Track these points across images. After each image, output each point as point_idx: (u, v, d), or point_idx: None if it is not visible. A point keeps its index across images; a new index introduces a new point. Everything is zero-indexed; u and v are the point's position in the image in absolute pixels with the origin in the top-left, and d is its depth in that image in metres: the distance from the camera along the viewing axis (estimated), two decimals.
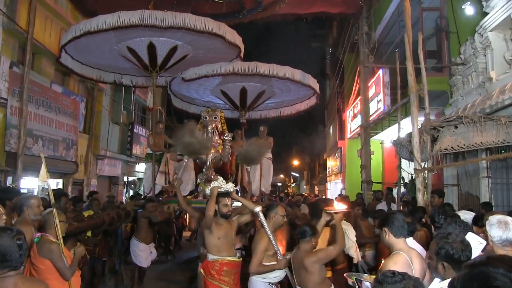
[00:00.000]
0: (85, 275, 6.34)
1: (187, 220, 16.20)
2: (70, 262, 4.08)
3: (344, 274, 3.91)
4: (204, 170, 9.76)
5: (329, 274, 5.02)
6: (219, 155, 10.07)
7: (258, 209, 4.99)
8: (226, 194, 5.45)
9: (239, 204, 6.18)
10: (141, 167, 19.57)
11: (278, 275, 4.91)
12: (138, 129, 18.84)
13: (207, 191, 5.78)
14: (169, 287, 8.99)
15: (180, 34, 9.02)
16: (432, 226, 4.54)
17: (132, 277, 8.26)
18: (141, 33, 8.86)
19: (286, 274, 4.95)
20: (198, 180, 9.82)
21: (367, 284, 3.35)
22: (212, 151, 9.86)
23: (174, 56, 9.80)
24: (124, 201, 15.54)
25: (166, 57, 9.75)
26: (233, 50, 9.97)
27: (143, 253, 8.11)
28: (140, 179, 19.80)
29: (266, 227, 4.87)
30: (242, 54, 10.40)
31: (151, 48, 9.44)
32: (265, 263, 4.79)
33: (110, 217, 7.04)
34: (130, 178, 19.83)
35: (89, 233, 7.02)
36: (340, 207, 5.18)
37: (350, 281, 3.70)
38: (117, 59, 10.26)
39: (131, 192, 18.53)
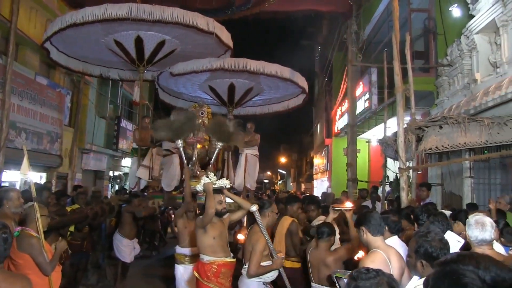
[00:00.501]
0: (67, 270, 6.26)
1: (172, 215, 16.14)
2: (51, 257, 4.03)
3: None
4: (189, 165, 9.75)
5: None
6: (205, 151, 10.04)
7: (254, 208, 4.82)
8: (219, 190, 5.25)
9: (230, 200, 5.90)
10: (127, 162, 19.43)
11: (272, 274, 4.84)
12: (124, 123, 18.71)
13: (199, 187, 5.45)
14: (152, 282, 8.93)
15: (168, 29, 8.96)
16: (416, 224, 4.57)
17: (115, 273, 8.21)
18: (128, 26, 8.78)
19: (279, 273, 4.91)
20: (184, 176, 9.81)
21: (345, 281, 3.37)
22: (199, 146, 9.83)
23: (162, 50, 9.73)
24: (109, 195, 15.43)
25: (154, 51, 9.66)
26: (222, 46, 9.93)
27: (127, 248, 8.05)
28: (126, 174, 19.68)
29: (263, 226, 4.75)
30: (231, 50, 10.37)
31: (139, 41, 9.36)
32: (262, 263, 4.71)
33: (94, 211, 6.97)
34: (116, 173, 19.69)
35: (72, 228, 6.95)
36: (348, 204, 5.23)
37: (332, 277, 3.72)
38: (104, 52, 10.15)
39: (117, 187, 18.41)
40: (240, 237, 7.58)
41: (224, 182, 5.48)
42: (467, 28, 8.59)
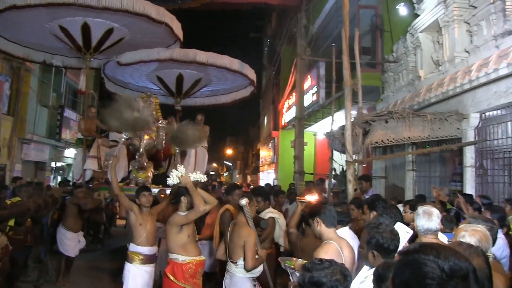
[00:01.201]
0: (6, 266, 5.93)
1: (118, 207, 15.76)
2: None
3: (278, 259, 3.93)
4: (137, 157, 9.51)
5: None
6: (153, 142, 9.84)
7: (244, 202, 4.55)
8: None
9: None
10: (70, 153, 18.76)
11: (260, 269, 4.68)
12: (68, 113, 18.03)
13: (171, 181, 5.02)
14: (98, 276, 8.66)
15: (117, 16, 8.66)
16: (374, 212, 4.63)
17: (58, 267, 7.87)
18: (75, 12, 8.39)
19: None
20: (131, 167, 9.57)
21: (297, 274, 3.39)
22: (146, 137, 9.61)
23: (110, 38, 9.41)
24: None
25: (101, 39, 9.32)
26: (171, 36, 9.73)
27: (71, 242, 7.76)
28: (69, 165, 19.00)
29: (251, 220, 4.56)
30: (180, 41, 10.19)
31: (86, 28, 8.98)
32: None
33: (36, 204, 6.62)
34: (59, 164, 18.96)
35: (11, 222, 6.57)
36: (311, 197, 5.23)
37: (282, 265, 3.74)
38: (48, 38, 9.65)
39: (59, 178, 17.74)
40: None
41: (200, 176, 5.18)
42: (412, 27, 8.90)
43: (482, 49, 6.83)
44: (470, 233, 2.84)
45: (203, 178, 5.23)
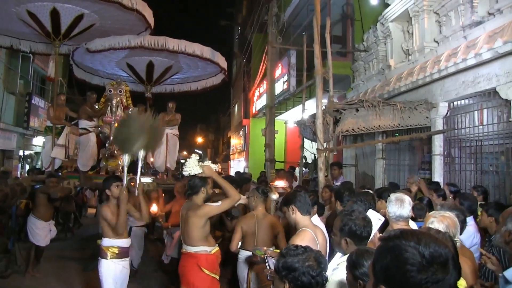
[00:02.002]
0: None
1: (88, 196, 15.48)
2: None
3: (250, 249, 3.92)
4: (107, 145, 9.35)
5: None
6: None
7: (275, 197, 4.69)
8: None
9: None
10: (39, 141, 18.31)
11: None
12: (36, 100, 17.60)
13: (195, 170, 4.61)
14: (68, 265, 8.47)
15: (88, 2, 8.46)
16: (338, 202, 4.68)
17: (27, 257, 7.66)
18: None
19: None
20: (101, 155, 9.40)
21: (273, 260, 3.40)
22: (116, 125, 9.42)
23: (80, 24, 9.16)
24: (19, 176, 14.42)
25: (71, 25, 9.07)
26: (142, 23, 9.52)
27: (42, 231, 7.59)
28: (37, 153, 18.54)
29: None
30: (151, 28, 9.98)
31: (55, 14, 8.69)
32: None
33: (4, 193, 6.42)
34: (27, 152, 18.45)
35: None
36: (280, 183, 5.27)
37: (254, 258, 3.73)
38: (14, 22, 9.32)
39: (27, 167, 17.27)
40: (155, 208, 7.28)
41: (213, 166, 4.84)
42: (382, 16, 8.96)
43: (451, 39, 6.93)
44: (439, 219, 2.89)
45: (216, 166, 4.93)
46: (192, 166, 4.52)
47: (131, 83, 10.75)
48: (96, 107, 9.71)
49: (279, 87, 14.41)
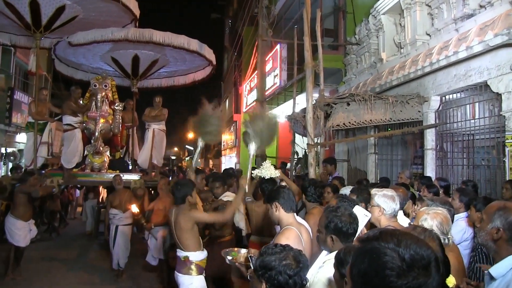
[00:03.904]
0: None
1: (73, 194, 15.27)
2: None
3: (221, 252, 3.75)
4: (92, 141, 9.19)
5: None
6: (109, 126, 9.49)
7: None
8: None
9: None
10: (22, 138, 17.94)
11: None
12: (19, 96, 17.14)
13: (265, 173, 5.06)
14: (52, 266, 8.28)
15: None
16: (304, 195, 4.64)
17: (6, 259, 7.43)
18: None
19: None
20: (86, 152, 9.22)
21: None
22: (102, 121, 9.25)
23: (62, 16, 8.90)
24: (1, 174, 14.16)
25: (52, 17, 8.80)
26: (127, 15, 9.32)
27: (21, 231, 7.33)
28: (20, 151, 18.20)
29: None
30: (136, 20, 9.75)
31: (34, 5, 8.42)
32: None
33: None
34: (9, 149, 18.11)
35: None
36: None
37: (227, 260, 3.58)
38: None
39: (10, 165, 16.95)
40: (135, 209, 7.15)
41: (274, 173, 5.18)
42: (374, 9, 8.82)
43: (442, 32, 6.83)
44: (432, 216, 2.82)
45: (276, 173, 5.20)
46: (268, 169, 5.03)
47: (117, 78, 10.54)
48: (81, 102, 9.51)
49: (270, 81, 14.24)
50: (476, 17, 6.02)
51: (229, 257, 3.49)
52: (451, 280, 2.23)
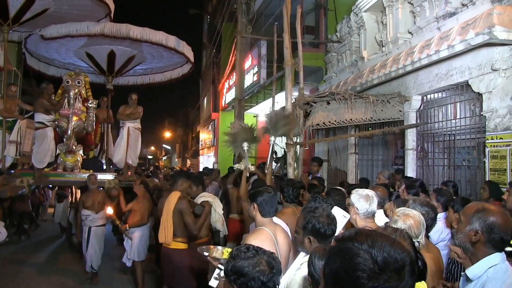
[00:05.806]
0: None
1: (45, 195, 14.78)
2: None
3: (197, 249, 3.57)
4: (65, 140, 8.90)
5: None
6: (82, 124, 9.19)
7: None
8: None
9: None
10: None
11: None
12: None
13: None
14: (21, 270, 7.96)
15: None
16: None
17: None
18: None
19: None
20: (58, 151, 8.91)
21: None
22: (75, 119, 8.94)
23: (32, 9, 8.61)
24: None
25: (21, 9, 8.49)
26: (102, 9, 9.03)
27: None
28: None
29: None
30: (112, 14, 9.45)
31: None
32: None
33: None
34: None
35: None
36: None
37: (203, 256, 3.42)
38: None
39: None
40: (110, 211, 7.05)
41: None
42: (356, 6, 8.73)
43: (424, 31, 6.76)
44: (403, 219, 2.77)
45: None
46: (243, 164, 5.91)
47: (91, 74, 10.22)
48: (53, 99, 9.17)
49: (249, 79, 14.04)
50: (458, 15, 5.96)
51: (206, 253, 3.34)
52: (420, 286, 2.22)
